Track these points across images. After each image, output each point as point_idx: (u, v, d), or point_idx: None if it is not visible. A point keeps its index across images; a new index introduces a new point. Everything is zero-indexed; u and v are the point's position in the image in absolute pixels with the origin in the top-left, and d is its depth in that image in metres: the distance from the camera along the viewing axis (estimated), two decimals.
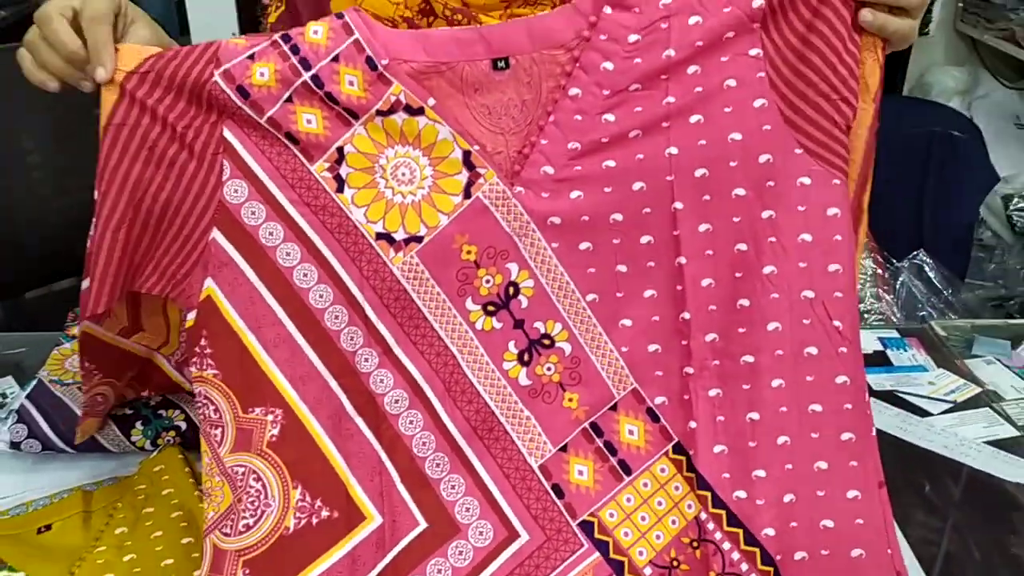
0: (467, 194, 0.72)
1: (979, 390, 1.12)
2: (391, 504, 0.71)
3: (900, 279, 1.74)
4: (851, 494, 0.71)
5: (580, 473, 0.73)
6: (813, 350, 0.71)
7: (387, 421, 0.72)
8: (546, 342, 0.73)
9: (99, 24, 0.72)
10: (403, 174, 0.72)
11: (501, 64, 0.70)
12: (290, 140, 0.71)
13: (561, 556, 0.71)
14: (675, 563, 0.71)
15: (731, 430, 0.71)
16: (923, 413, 1.08)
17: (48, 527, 0.86)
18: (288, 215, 0.72)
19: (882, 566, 0.70)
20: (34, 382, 1.04)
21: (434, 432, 0.73)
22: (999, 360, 1.18)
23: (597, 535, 0.72)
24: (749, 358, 0.71)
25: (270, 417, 0.72)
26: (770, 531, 0.70)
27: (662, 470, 0.73)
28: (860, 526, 0.70)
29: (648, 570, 0.71)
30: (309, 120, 0.71)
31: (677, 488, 0.72)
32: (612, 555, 0.72)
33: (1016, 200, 2.22)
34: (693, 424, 0.72)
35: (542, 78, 0.70)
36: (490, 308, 0.73)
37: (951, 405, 1.09)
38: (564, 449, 0.73)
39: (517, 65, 0.70)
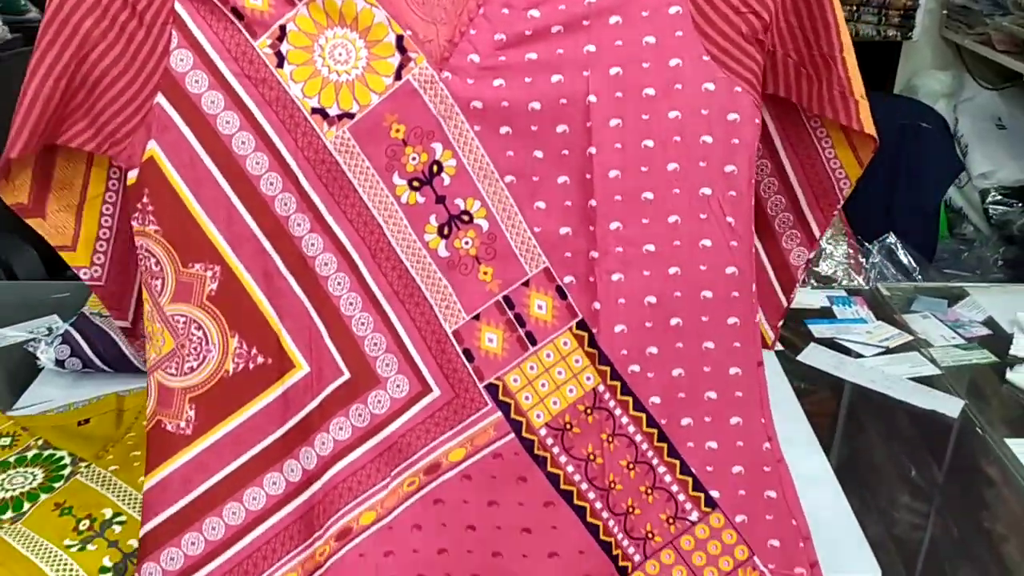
0: (398, 76, 0.76)
1: (911, 338, 1.25)
2: (319, 355, 0.78)
3: (871, 260, 1.86)
4: (733, 371, 0.80)
5: (490, 340, 0.79)
6: (707, 242, 0.78)
7: (317, 282, 0.79)
8: (465, 218, 0.79)
9: None
10: (340, 54, 0.77)
11: None
12: (235, 16, 0.76)
13: (467, 412, 0.79)
14: (568, 426, 0.79)
15: (630, 312, 0.79)
16: (857, 356, 1.21)
17: (87, 420, 1.01)
18: (230, 86, 0.76)
19: (756, 431, 0.80)
20: (77, 315, 1.20)
21: (360, 294, 0.79)
22: (934, 315, 1.31)
23: (501, 397, 0.79)
24: (650, 247, 0.78)
25: (209, 273, 0.79)
26: (656, 399, 0.79)
27: (565, 343, 0.79)
28: (739, 398, 0.80)
29: (543, 431, 0.78)
30: None
31: (577, 361, 0.79)
32: (512, 415, 0.79)
33: (992, 194, 2.34)
34: (597, 305, 0.79)
35: None
36: (415, 184, 0.78)
37: (883, 350, 1.22)
38: (477, 318, 0.79)
39: None
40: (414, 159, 0.78)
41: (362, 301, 0.79)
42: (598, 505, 0.79)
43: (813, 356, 1.20)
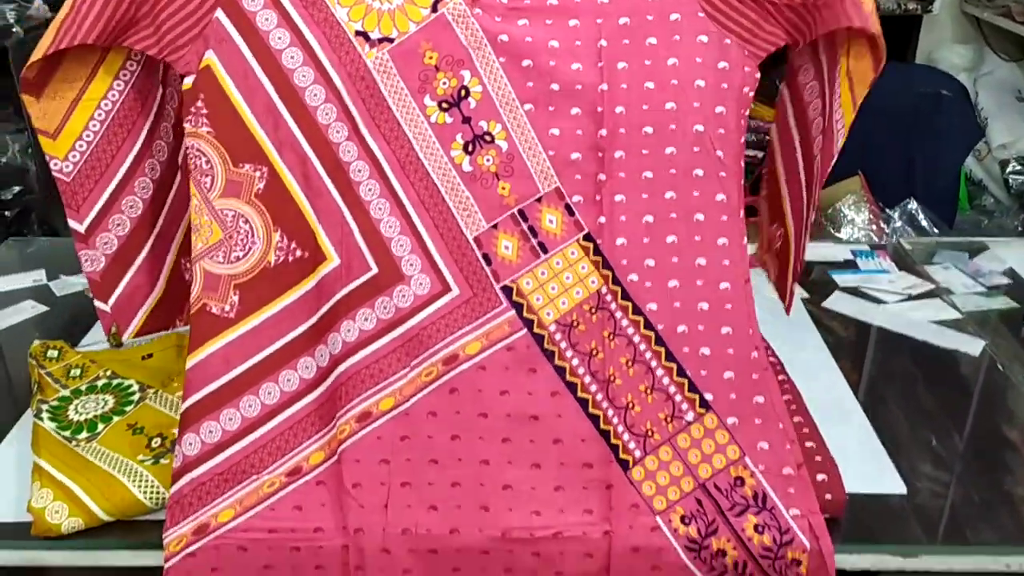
0: (434, 9, 0.87)
1: (932, 287, 1.29)
2: (350, 250, 0.87)
3: (892, 225, 1.90)
4: (723, 285, 0.88)
5: (506, 248, 0.88)
6: (700, 172, 0.88)
7: (351, 186, 0.87)
8: (487, 138, 0.88)
9: None
10: None
11: None
12: None
13: (484, 310, 0.88)
14: (575, 323, 0.88)
15: (631, 228, 0.89)
16: (881, 303, 1.25)
17: (150, 355, 1.07)
18: (283, 7, 0.86)
19: (745, 341, 0.88)
20: None
21: (388, 200, 0.88)
22: (956, 266, 1.35)
23: (514, 297, 0.88)
24: (648, 173, 0.88)
25: (257, 173, 0.88)
26: (653, 306, 0.88)
27: (572, 253, 0.88)
28: (729, 310, 0.88)
29: (552, 327, 0.87)
30: None
31: (583, 268, 0.89)
32: (525, 314, 0.87)
33: (1013, 165, 2.37)
34: (602, 219, 0.88)
35: None
36: (444, 105, 0.88)
37: (906, 297, 1.26)
38: (495, 227, 0.88)
39: None
40: (444, 83, 0.87)
41: (390, 206, 0.89)
42: (599, 397, 0.87)
43: (838, 303, 1.25)
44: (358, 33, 0.87)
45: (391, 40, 0.87)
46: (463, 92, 0.88)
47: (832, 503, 0.84)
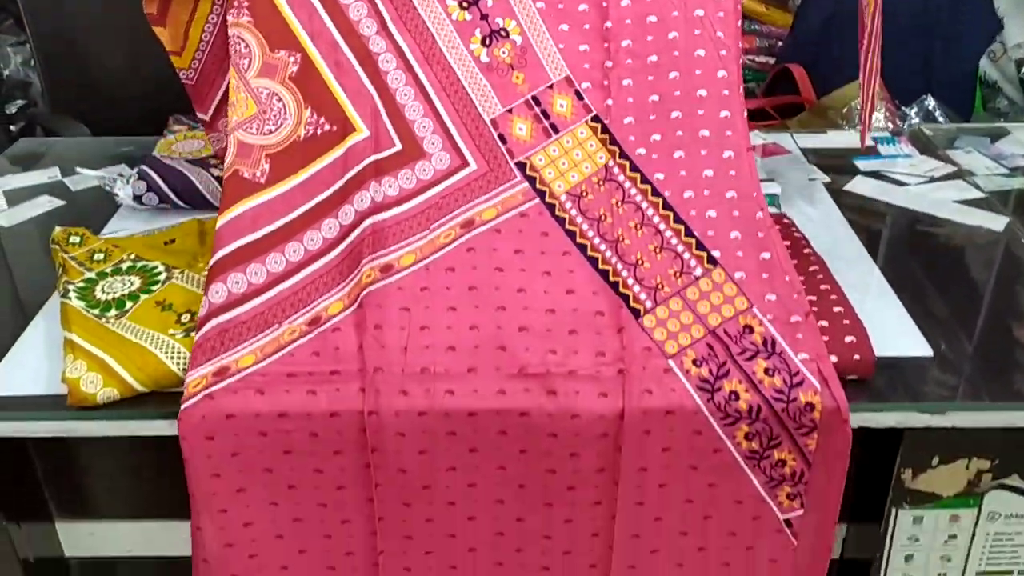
0: None
1: (955, 169, 1.28)
2: (377, 126, 0.95)
3: (909, 123, 1.87)
4: (726, 154, 0.93)
5: (520, 129, 0.96)
6: (701, 52, 0.95)
7: (379, 73, 0.96)
8: (503, 33, 0.98)
9: None
10: None
11: None
12: None
13: (499, 182, 0.94)
14: (584, 193, 0.94)
15: (637, 107, 0.95)
16: (903, 185, 1.24)
17: (172, 241, 1.07)
18: None
19: (749, 203, 0.91)
20: (147, 157, 1.25)
21: (413, 87, 0.96)
22: (977, 150, 1.34)
23: (528, 172, 0.95)
24: (653, 57, 0.96)
25: (291, 59, 0.96)
26: (660, 175, 0.93)
27: (582, 132, 0.96)
28: (733, 176, 0.92)
29: (563, 196, 0.93)
30: None
31: (592, 145, 0.96)
32: (537, 185, 0.94)
33: None
34: (609, 102, 0.96)
35: None
36: (464, 4, 0.98)
37: (928, 179, 1.25)
38: (510, 111, 0.96)
39: None
40: None
41: (414, 92, 0.97)
42: (608, 254, 0.91)
43: (860, 186, 1.24)
44: None
45: None
46: None
47: (861, 363, 0.85)
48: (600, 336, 0.86)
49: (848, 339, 0.86)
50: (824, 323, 0.87)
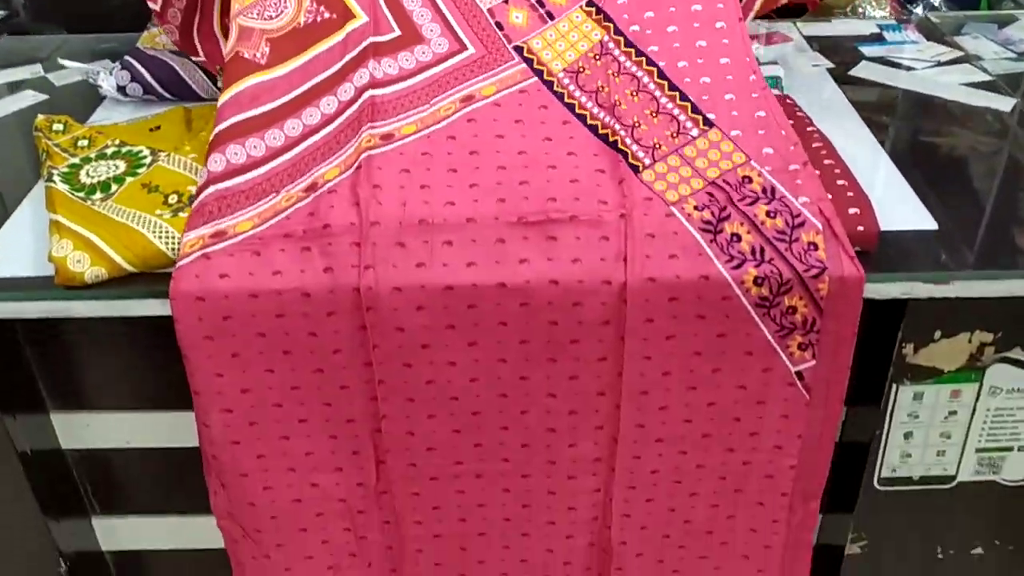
0: None
1: (962, 54, 1.24)
2: (376, 13, 0.96)
3: (913, 17, 1.83)
4: (719, 24, 0.96)
5: (516, 17, 0.99)
6: None
7: None
8: None
9: None
10: None
11: None
12: None
13: (497, 63, 0.96)
14: (581, 69, 0.95)
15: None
16: (909, 70, 1.21)
17: (158, 127, 1.05)
18: None
19: (743, 67, 0.92)
20: (131, 49, 1.22)
21: None
22: (984, 36, 1.30)
23: (525, 54, 0.96)
24: None
25: None
26: (654, 48, 0.95)
27: (577, 17, 0.98)
28: (726, 44, 0.93)
29: (561, 74, 0.95)
30: None
31: (587, 27, 0.97)
32: (535, 66, 0.96)
33: None
34: None
35: None
36: None
37: (935, 64, 1.22)
38: (506, 2, 0.99)
39: None
40: None
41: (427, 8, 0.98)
42: (607, 119, 0.90)
43: (865, 71, 1.21)
44: None
45: None
46: None
47: (865, 235, 0.83)
48: (601, 187, 0.84)
49: (852, 211, 0.84)
50: (828, 196, 0.85)
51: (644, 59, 0.94)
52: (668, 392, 0.84)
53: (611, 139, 0.88)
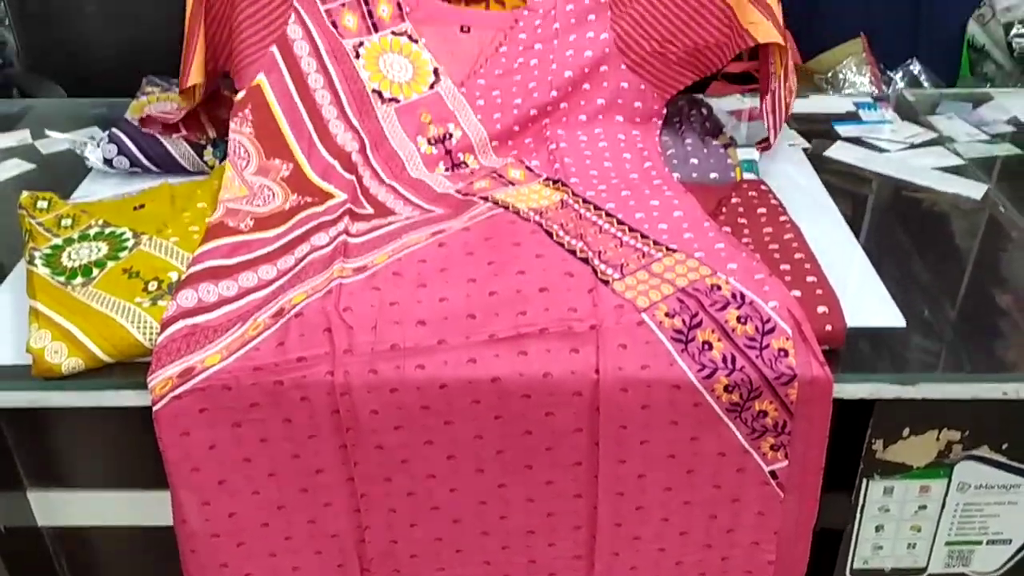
0: (431, 87, 1.15)
1: (935, 135, 1.27)
2: (354, 200, 1.05)
3: (894, 87, 1.86)
4: (668, 192, 1.02)
5: (480, 185, 1.06)
6: (627, 155, 1.12)
7: (360, 180, 1.08)
8: (464, 165, 1.13)
9: None
10: (396, 67, 1.15)
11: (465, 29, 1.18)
12: (333, 25, 1.14)
13: (467, 208, 1.00)
14: (546, 211, 0.98)
15: (579, 173, 1.06)
16: (883, 152, 1.23)
17: (142, 206, 1.05)
18: (321, 56, 1.13)
19: (697, 217, 0.97)
20: (120, 120, 1.23)
21: (391, 193, 1.07)
22: (959, 116, 1.33)
23: (490, 200, 1.01)
24: (588, 152, 1.11)
25: (284, 166, 1.09)
26: (611, 205, 1.00)
27: (535, 185, 1.05)
28: (677, 205, 0.99)
29: (527, 211, 0.98)
30: (349, 20, 1.15)
31: (547, 191, 1.03)
32: (501, 207, 1.00)
33: (1017, 27, 2.31)
34: (557, 166, 1.07)
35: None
36: (431, 141, 1.13)
37: (908, 146, 1.24)
38: (471, 183, 1.07)
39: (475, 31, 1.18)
40: (433, 130, 1.14)
41: (393, 197, 1.07)
42: (574, 242, 0.93)
43: (840, 152, 1.23)
44: (374, 90, 1.14)
45: (397, 100, 1.14)
46: (447, 135, 1.14)
47: (832, 334, 0.85)
48: (571, 293, 0.86)
49: (820, 309, 0.86)
50: (797, 293, 0.87)
51: (603, 212, 0.98)
52: (644, 493, 0.86)
53: (579, 255, 0.90)
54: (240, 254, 0.94)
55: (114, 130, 1.18)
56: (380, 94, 1.13)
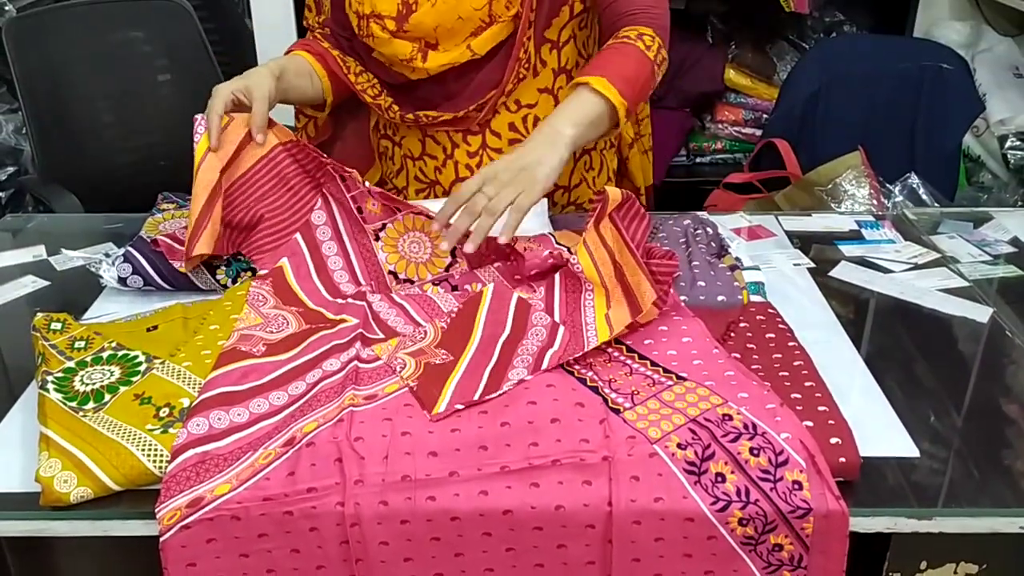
0: (447, 269, 1.17)
1: (938, 255, 1.28)
2: (365, 326, 1.05)
3: (893, 200, 1.89)
4: (675, 317, 1.03)
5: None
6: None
7: (367, 299, 1.11)
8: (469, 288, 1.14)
9: (260, 104, 1.19)
10: (414, 247, 1.18)
11: None
12: (357, 210, 1.20)
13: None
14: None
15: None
16: (887, 272, 1.25)
17: (155, 327, 1.06)
18: (342, 239, 1.20)
19: (706, 343, 0.98)
20: (135, 238, 1.25)
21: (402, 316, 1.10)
22: (961, 236, 1.35)
23: None
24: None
25: (298, 309, 1.12)
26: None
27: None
28: (686, 330, 1.00)
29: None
30: (373, 204, 1.20)
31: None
32: None
33: (1011, 140, 2.37)
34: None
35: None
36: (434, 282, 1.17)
37: (912, 266, 1.26)
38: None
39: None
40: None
41: (403, 319, 1.09)
42: (585, 372, 0.93)
43: (844, 272, 1.24)
44: (390, 272, 1.18)
45: (412, 282, 1.17)
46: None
47: (846, 466, 0.84)
48: (583, 423, 0.86)
49: (833, 440, 0.85)
50: (809, 423, 0.87)
51: (613, 340, 0.99)
52: None
53: (590, 384, 0.91)
54: (251, 380, 0.95)
55: (129, 249, 1.20)
56: (395, 275, 1.17)
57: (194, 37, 2.06)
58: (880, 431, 0.91)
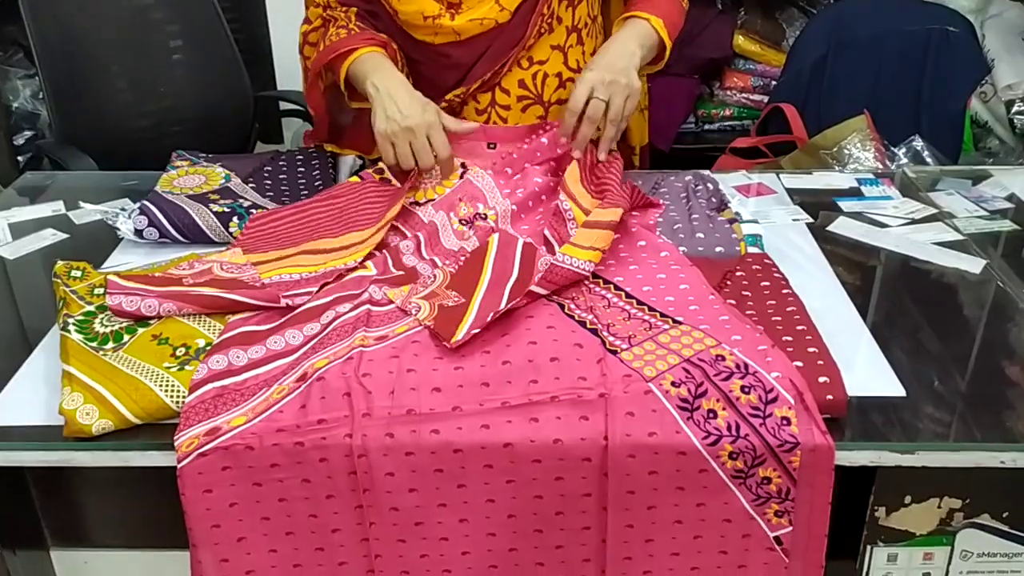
0: (461, 177, 1.25)
1: (935, 211, 1.31)
2: (384, 270, 1.11)
3: (897, 163, 1.91)
4: (673, 266, 1.07)
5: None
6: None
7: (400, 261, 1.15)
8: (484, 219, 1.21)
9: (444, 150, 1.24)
10: (426, 178, 1.26)
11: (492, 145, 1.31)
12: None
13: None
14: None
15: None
16: (884, 227, 1.27)
17: None
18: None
19: (702, 289, 1.01)
20: (150, 192, 1.29)
21: (423, 260, 1.15)
22: (959, 192, 1.37)
23: None
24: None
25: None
26: (620, 279, 1.06)
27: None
28: (683, 278, 1.04)
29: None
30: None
31: None
32: None
33: (1018, 104, 2.37)
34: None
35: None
36: (463, 221, 1.21)
37: (909, 221, 1.28)
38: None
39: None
40: (464, 209, 1.22)
41: (427, 264, 1.14)
42: (584, 314, 0.97)
43: (842, 227, 1.27)
44: (412, 203, 1.24)
45: (431, 202, 1.24)
46: (476, 215, 1.22)
47: (834, 403, 0.88)
48: (581, 363, 0.90)
49: (822, 379, 0.89)
50: (799, 363, 0.90)
51: (612, 286, 1.03)
52: (651, 558, 0.88)
53: (589, 327, 0.95)
54: (271, 320, 0.99)
55: (146, 203, 1.24)
56: (417, 203, 1.23)
57: (206, 3, 2.09)
58: (868, 372, 0.94)
